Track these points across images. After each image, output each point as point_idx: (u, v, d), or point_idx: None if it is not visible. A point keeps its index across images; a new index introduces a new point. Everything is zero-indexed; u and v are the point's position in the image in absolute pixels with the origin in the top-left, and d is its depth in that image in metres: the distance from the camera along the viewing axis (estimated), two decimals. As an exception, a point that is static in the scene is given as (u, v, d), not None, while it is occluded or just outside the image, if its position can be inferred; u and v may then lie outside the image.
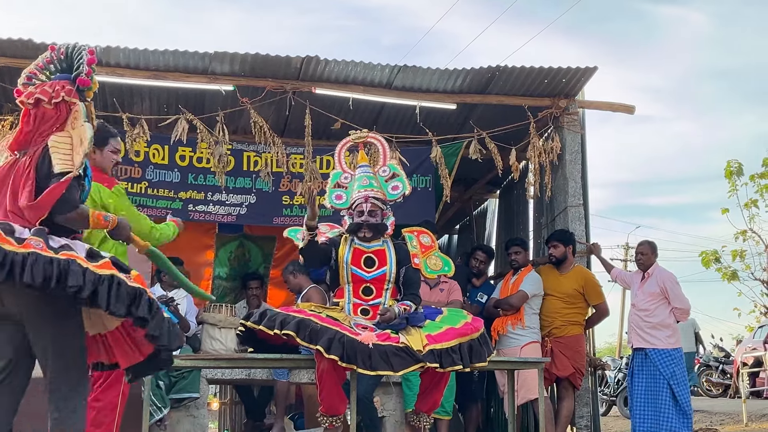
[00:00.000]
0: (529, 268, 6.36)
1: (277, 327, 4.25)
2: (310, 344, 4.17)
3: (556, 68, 6.68)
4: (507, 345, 6.10)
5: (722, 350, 15.20)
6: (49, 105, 3.09)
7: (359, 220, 4.63)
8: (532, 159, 6.98)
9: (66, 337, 2.90)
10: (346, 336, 4.17)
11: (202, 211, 6.85)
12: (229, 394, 9.34)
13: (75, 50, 3.20)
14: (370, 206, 4.65)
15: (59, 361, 2.87)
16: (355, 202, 4.69)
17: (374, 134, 5.12)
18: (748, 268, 12.17)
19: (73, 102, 3.11)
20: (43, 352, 2.88)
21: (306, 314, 4.33)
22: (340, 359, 4.10)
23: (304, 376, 5.80)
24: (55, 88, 3.11)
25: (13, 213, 2.93)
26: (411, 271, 4.73)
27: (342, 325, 4.31)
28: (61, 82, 3.15)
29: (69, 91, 3.11)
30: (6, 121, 6.16)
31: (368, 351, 4.12)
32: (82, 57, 3.17)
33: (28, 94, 3.13)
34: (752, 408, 9.98)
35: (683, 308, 6.19)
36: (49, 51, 3.27)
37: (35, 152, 3.05)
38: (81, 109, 3.10)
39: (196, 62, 6.33)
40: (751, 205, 11.64)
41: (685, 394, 6.06)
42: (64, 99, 3.10)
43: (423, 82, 6.78)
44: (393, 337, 4.27)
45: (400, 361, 4.16)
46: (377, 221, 4.64)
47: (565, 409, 6.14)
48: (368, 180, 4.77)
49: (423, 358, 4.20)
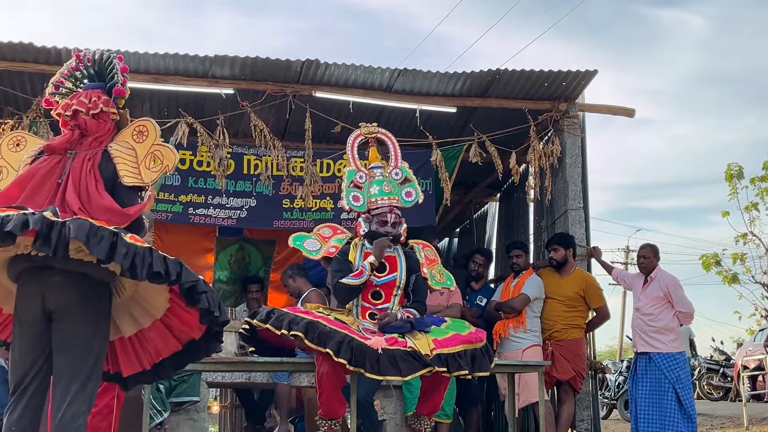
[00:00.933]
0: (530, 271, 6.36)
1: (284, 327, 4.23)
2: (318, 347, 4.15)
3: (557, 71, 6.68)
4: (508, 348, 6.10)
5: (723, 353, 15.18)
6: (87, 116, 3.10)
7: (384, 230, 4.61)
8: (532, 162, 6.98)
9: (96, 334, 2.89)
10: (355, 340, 4.16)
11: (203, 215, 6.85)
12: (230, 398, 9.34)
13: (105, 58, 3.21)
14: (394, 217, 4.64)
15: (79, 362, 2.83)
16: (379, 209, 4.66)
17: (384, 131, 5.09)
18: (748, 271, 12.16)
19: (113, 112, 3.14)
20: (69, 349, 2.83)
21: (314, 316, 4.32)
22: (349, 363, 4.09)
23: (305, 380, 5.79)
24: (92, 98, 3.12)
25: (81, 211, 2.89)
26: (420, 280, 4.72)
27: (350, 328, 4.30)
28: (96, 92, 3.16)
29: (107, 101, 3.13)
30: (7, 124, 6.16)
31: (376, 355, 4.11)
32: (114, 65, 3.19)
33: (64, 106, 3.13)
34: (753, 411, 9.97)
35: (687, 312, 6.18)
36: (74, 58, 3.27)
37: (94, 155, 3.04)
38: (153, 127, 3.12)
39: (196, 66, 6.33)
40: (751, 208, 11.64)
41: (689, 398, 6.05)
42: (102, 110, 3.11)
43: (423, 86, 6.78)
44: (400, 341, 4.26)
45: (408, 366, 4.16)
46: (398, 232, 4.65)
47: (566, 412, 6.13)
48: (389, 186, 4.74)
49: (430, 363, 4.19)
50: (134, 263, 2.68)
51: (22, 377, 2.88)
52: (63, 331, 2.85)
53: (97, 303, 2.91)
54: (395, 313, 4.48)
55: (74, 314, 2.85)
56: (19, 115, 6.26)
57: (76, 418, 2.78)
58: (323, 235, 4.83)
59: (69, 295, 2.84)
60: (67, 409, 2.77)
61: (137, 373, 3.23)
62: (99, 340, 2.91)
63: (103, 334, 2.95)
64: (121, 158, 3.03)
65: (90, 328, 2.88)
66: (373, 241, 4.59)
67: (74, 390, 2.80)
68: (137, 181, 3.01)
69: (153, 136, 3.10)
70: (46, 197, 2.95)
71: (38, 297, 2.86)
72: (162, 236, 7.51)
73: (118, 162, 3.01)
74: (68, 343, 2.84)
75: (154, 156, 3.04)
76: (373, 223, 4.64)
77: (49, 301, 2.85)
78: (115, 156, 3.03)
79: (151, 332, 3.16)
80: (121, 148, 3.06)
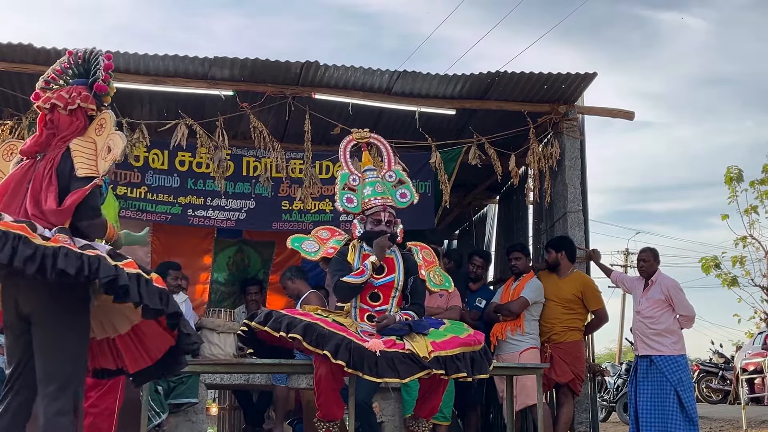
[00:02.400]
0: (531, 274, 6.35)
1: (283, 330, 4.23)
2: (317, 349, 4.15)
3: (556, 74, 6.68)
4: (506, 351, 6.09)
5: (722, 356, 15.18)
6: (64, 111, 3.10)
7: (378, 229, 4.59)
8: (531, 165, 6.98)
9: (72, 335, 2.89)
10: (354, 342, 4.16)
11: (202, 216, 6.85)
12: (228, 400, 9.33)
13: (92, 55, 3.21)
14: (387, 216, 4.63)
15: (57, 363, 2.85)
16: (372, 209, 4.66)
17: (376, 135, 5.09)
18: (748, 274, 12.21)
19: (91, 108, 3.12)
20: (45, 350, 2.85)
21: (313, 318, 4.32)
22: (347, 365, 4.09)
23: (303, 382, 5.79)
24: (72, 94, 3.12)
25: (35, 216, 2.91)
26: (418, 282, 4.70)
27: (348, 330, 4.30)
28: (78, 87, 3.16)
29: (85, 97, 3.12)
30: (6, 125, 6.16)
31: (375, 358, 4.11)
32: (99, 62, 3.18)
33: (45, 99, 3.14)
34: (752, 414, 9.97)
35: (688, 315, 6.18)
36: (66, 56, 3.28)
37: (56, 156, 3.04)
38: (110, 118, 3.11)
39: (195, 67, 6.33)
40: (751, 211, 11.68)
41: (691, 401, 6.05)
42: (80, 105, 3.11)
43: (422, 88, 6.78)
44: (398, 344, 4.26)
45: (406, 368, 4.16)
46: (393, 231, 4.64)
47: (565, 415, 6.12)
48: (381, 186, 4.73)
49: (428, 365, 4.19)
50: (43, 264, 2.68)
51: (7, 380, 2.94)
52: (39, 334, 2.88)
53: (71, 303, 2.91)
54: (393, 316, 4.48)
55: (47, 316, 2.87)
56: (18, 117, 6.26)
57: (59, 417, 2.80)
58: (321, 237, 4.83)
59: (39, 298, 2.87)
60: (48, 409, 2.80)
61: (145, 368, 3.23)
62: (76, 339, 2.92)
63: (80, 333, 2.95)
64: (79, 152, 3.02)
65: (65, 329, 2.89)
66: (370, 242, 4.58)
67: (54, 390, 2.82)
68: (91, 172, 2.98)
69: (109, 127, 3.08)
70: (20, 203, 2.99)
71: (12, 301, 2.91)
72: (160, 238, 7.53)
73: (75, 156, 3.00)
74: (45, 344, 2.86)
75: (108, 147, 3.03)
76: (368, 223, 4.64)
77: (22, 304, 2.89)
78: (74, 150, 3.03)
79: (144, 327, 3.16)
80: (81, 143, 3.06)
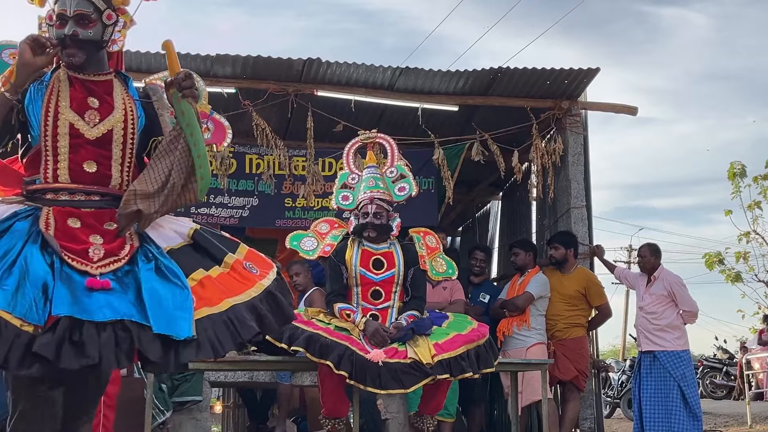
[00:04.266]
0: (536, 269, 6.33)
1: (285, 341, 4.23)
2: (320, 359, 4.15)
3: (558, 70, 6.67)
4: (512, 346, 6.08)
5: (726, 352, 15.15)
6: None
7: (364, 221, 4.60)
8: (534, 161, 6.98)
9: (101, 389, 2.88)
10: (356, 354, 4.14)
11: (205, 214, 6.86)
12: (232, 397, 9.33)
13: None
14: (375, 208, 4.60)
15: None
16: (361, 203, 4.66)
17: (383, 135, 5.08)
18: (751, 269, 12.16)
19: None
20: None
21: (315, 327, 4.30)
22: (349, 377, 4.09)
23: (307, 379, 5.78)
24: None
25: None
26: (418, 273, 4.68)
27: (351, 338, 4.27)
28: None
29: None
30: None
31: (377, 370, 4.09)
32: None
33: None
34: (756, 410, 9.95)
35: (691, 311, 6.18)
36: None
37: None
38: None
39: (197, 65, 6.32)
40: (754, 206, 11.63)
41: (694, 396, 6.04)
42: None
43: (425, 84, 6.77)
44: (401, 351, 4.22)
45: (410, 379, 4.14)
46: (382, 222, 4.62)
47: (570, 411, 6.11)
48: (374, 181, 4.72)
49: (432, 372, 4.16)
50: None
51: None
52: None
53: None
54: (402, 323, 4.42)
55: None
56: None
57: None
58: (320, 232, 4.81)
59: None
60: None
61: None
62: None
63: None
64: None
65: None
66: (360, 236, 4.57)
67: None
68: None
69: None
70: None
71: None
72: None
73: None
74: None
75: None
76: (360, 217, 4.64)
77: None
78: None
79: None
80: None
